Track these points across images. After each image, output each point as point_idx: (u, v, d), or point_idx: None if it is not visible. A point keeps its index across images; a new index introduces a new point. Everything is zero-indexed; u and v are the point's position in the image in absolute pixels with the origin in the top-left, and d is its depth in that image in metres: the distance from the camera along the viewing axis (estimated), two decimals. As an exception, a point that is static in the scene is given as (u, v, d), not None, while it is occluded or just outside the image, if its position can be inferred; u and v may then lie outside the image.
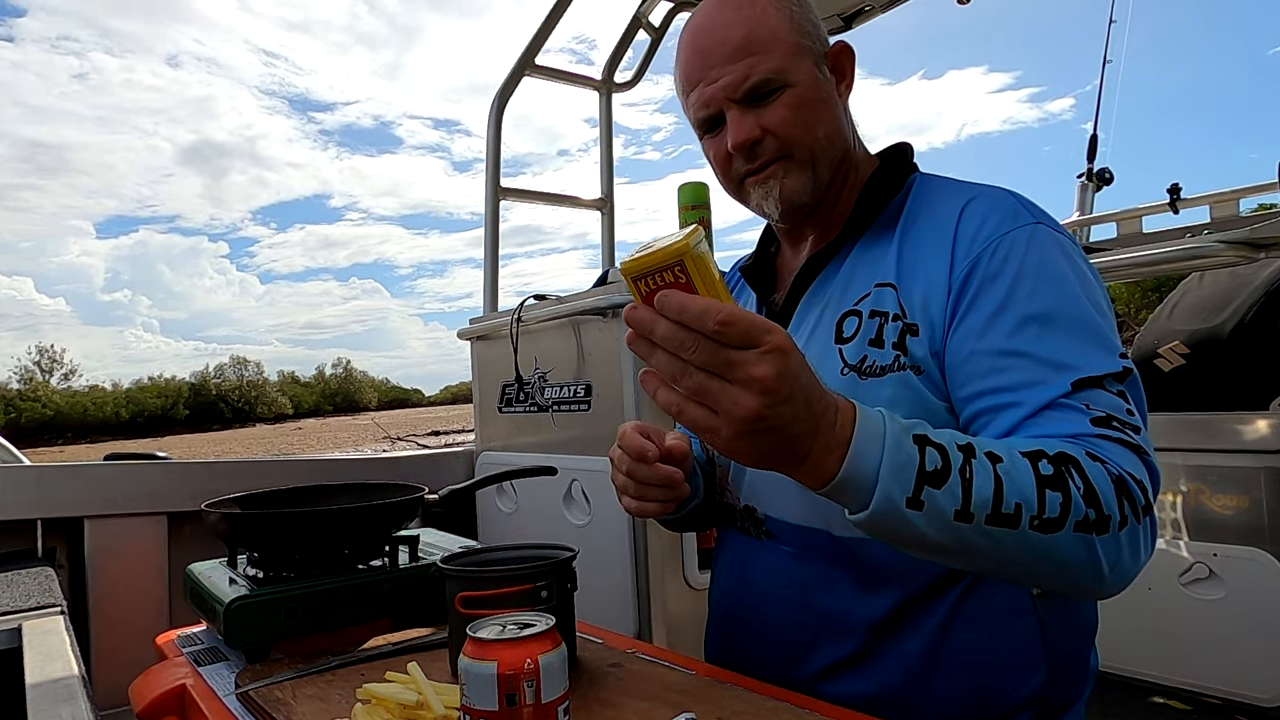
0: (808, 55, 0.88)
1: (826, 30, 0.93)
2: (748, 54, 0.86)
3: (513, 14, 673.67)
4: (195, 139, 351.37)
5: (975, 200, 0.84)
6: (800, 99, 0.87)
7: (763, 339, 0.59)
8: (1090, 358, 0.73)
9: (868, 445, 0.64)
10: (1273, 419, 1.97)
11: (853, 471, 0.64)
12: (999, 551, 0.67)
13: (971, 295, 0.79)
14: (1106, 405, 0.72)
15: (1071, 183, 3.49)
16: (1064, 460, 0.67)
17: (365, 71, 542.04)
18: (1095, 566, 0.67)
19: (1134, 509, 0.67)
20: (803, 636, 0.89)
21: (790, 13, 0.88)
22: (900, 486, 0.64)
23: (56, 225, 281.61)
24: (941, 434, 0.68)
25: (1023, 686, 0.82)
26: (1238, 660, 1.94)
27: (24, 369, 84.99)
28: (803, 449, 0.63)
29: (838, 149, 0.91)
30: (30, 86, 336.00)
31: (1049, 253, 0.79)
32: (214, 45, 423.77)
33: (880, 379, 0.82)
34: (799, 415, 0.61)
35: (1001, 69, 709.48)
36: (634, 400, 1.83)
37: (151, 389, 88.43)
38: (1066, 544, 0.66)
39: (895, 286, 0.84)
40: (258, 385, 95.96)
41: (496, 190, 2.57)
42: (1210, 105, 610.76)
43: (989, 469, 0.65)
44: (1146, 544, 0.69)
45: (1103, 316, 0.77)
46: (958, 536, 0.65)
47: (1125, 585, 0.69)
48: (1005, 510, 0.65)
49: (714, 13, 0.89)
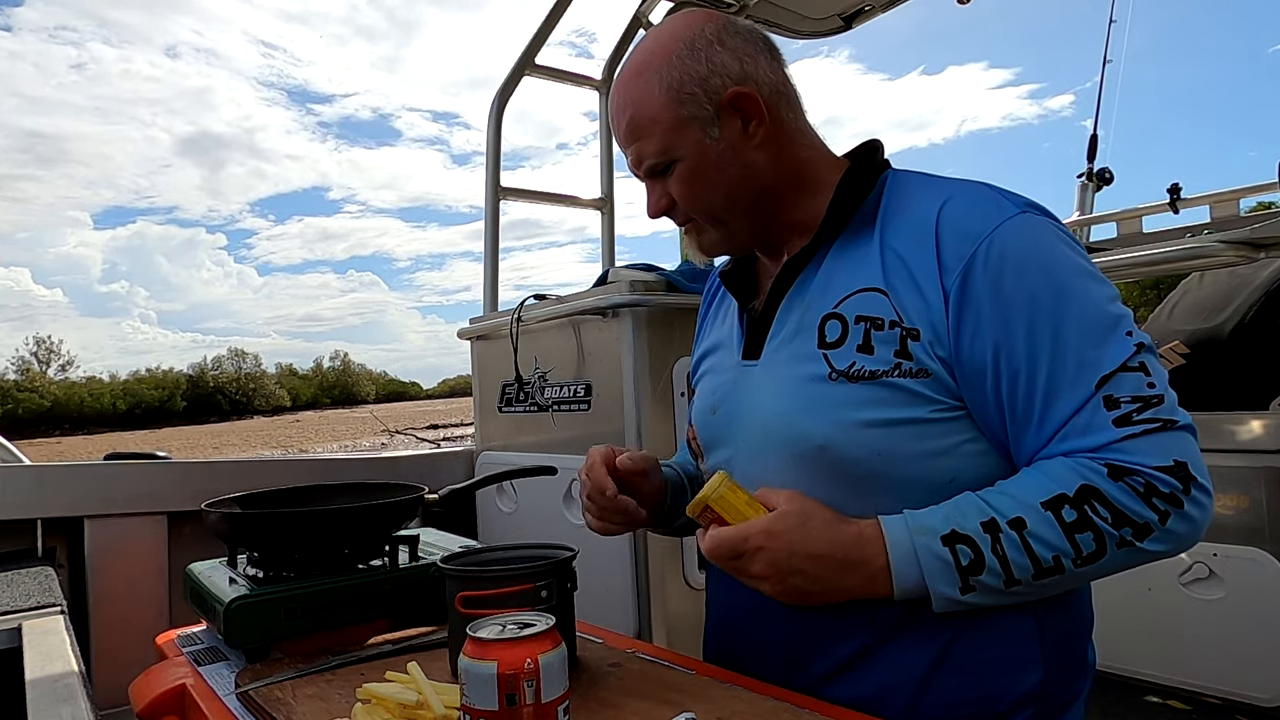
0: (691, 125, 0.88)
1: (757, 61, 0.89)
2: (635, 138, 0.91)
3: (512, 7, 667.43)
4: (193, 130, 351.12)
5: (953, 199, 0.83)
6: (690, 171, 0.89)
7: (743, 546, 0.79)
8: (1107, 350, 0.76)
9: (905, 570, 0.76)
10: (1273, 419, 1.97)
11: (905, 591, 0.77)
12: (1064, 585, 0.77)
13: (975, 304, 0.78)
14: (1130, 389, 0.75)
15: (1071, 179, 3.49)
16: (1086, 497, 0.73)
17: (364, 64, 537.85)
18: (1155, 555, 0.75)
19: (1171, 500, 0.73)
20: (801, 642, 0.89)
21: (669, 81, 0.87)
22: (949, 585, 0.76)
23: (53, 216, 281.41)
24: (967, 517, 0.76)
25: (1020, 685, 0.82)
26: (1238, 660, 1.94)
27: (21, 360, 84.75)
28: (846, 588, 0.78)
29: (743, 202, 0.91)
30: (28, 76, 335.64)
31: (1044, 242, 0.79)
32: (212, 36, 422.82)
33: (870, 383, 0.81)
34: (817, 574, 0.78)
35: (1001, 65, 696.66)
36: (634, 400, 1.83)
37: (149, 380, 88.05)
38: (1117, 560, 0.75)
39: (885, 291, 0.83)
40: (255, 377, 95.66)
41: (497, 190, 2.57)
42: (1210, 104, 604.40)
43: (1016, 540, 0.74)
44: (1199, 508, 0.75)
45: (1104, 289, 0.79)
46: (1019, 595, 0.77)
47: (1200, 537, 0.76)
48: (1046, 565, 0.74)
49: (616, 88, 0.94)
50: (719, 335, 1.03)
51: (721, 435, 0.96)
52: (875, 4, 2.56)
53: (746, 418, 0.92)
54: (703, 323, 1.12)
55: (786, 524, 0.78)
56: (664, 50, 0.89)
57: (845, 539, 0.78)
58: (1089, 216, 3.24)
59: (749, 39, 0.90)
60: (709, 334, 1.07)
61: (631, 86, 0.90)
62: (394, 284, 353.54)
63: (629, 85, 0.91)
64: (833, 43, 2.76)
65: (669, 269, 1.98)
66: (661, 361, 1.85)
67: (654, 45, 0.90)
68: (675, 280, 1.90)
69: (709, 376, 1.02)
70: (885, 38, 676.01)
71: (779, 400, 0.88)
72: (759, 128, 0.88)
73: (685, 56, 0.88)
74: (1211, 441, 2.05)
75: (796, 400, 0.86)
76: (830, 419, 0.83)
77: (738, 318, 0.99)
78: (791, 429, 0.86)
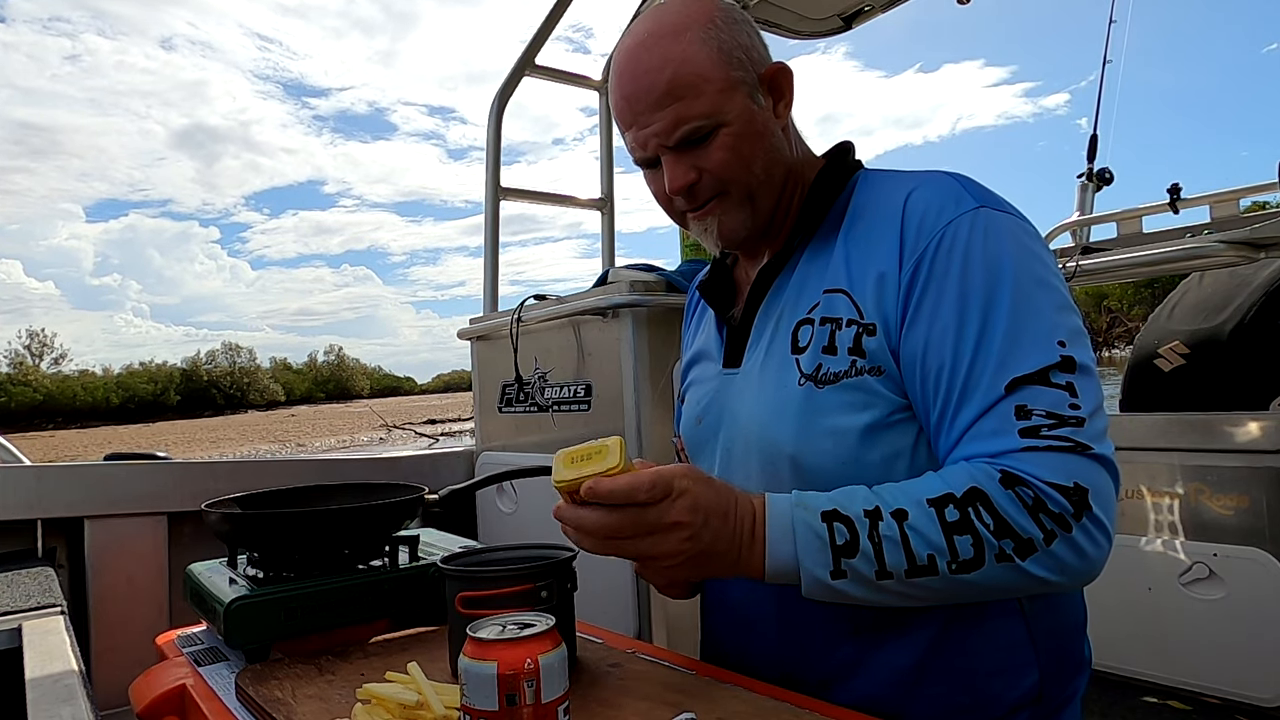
0: (740, 88, 0.84)
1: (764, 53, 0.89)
2: (675, 99, 0.83)
3: (509, 1, 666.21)
4: (188, 123, 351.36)
5: (918, 189, 0.83)
6: (736, 137, 0.84)
7: (671, 485, 0.72)
8: (1028, 354, 0.73)
9: (780, 539, 0.74)
10: (1272, 419, 1.97)
11: (776, 565, 0.75)
12: (938, 593, 0.74)
13: (919, 293, 0.78)
14: (1047, 404, 0.72)
15: (1065, 177, 3.48)
16: (972, 499, 0.71)
17: (360, 57, 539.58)
18: (1037, 580, 0.71)
19: (1059, 521, 0.70)
20: (789, 656, 0.89)
21: (719, 43, 0.84)
22: (820, 564, 0.73)
23: (46, 208, 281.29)
24: (853, 501, 0.74)
25: (1015, 689, 0.82)
26: (1238, 660, 1.94)
27: (14, 353, 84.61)
28: (731, 557, 0.75)
29: (777, 178, 0.89)
30: (21, 68, 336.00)
31: (993, 238, 0.78)
32: (208, 29, 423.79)
33: (835, 385, 0.81)
34: (719, 533, 0.74)
35: (997, 63, 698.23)
36: (634, 400, 1.83)
37: (142, 374, 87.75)
38: (994, 575, 0.71)
39: (847, 291, 0.83)
40: (250, 372, 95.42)
41: (497, 190, 2.57)
42: (1203, 104, 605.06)
43: (895, 530, 0.72)
44: (1092, 541, 0.71)
45: (1048, 295, 0.76)
46: (890, 591, 0.73)
47: (1092, 575, 0.73)
48: (920, 563, 0.72)
49: (640, 52, 0.85)
50: (701, 345, 1.03)
51: (706, 444, 0.96)
52: (875, 4, 2.56)
53: (728, 426, 0.92)
54: (685, 333, 1.13)
55: (700, 478, 0.75)
56: (703, 12, 0.85)
57: (736, 501, 0.76)
58: (1089, 216, 3.24)
59: (757, 33, 0.90)
60: (692, 344, 1.07)
61: (670, 44, 0.83)
62: (388, 279, 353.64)
63: (665, 43, 0.83)
64: (830, 40, 2.75)
65: (668, 269, 1.98)
66: (661, 361, 1.85)
67: (687, 8, 0.85)
68: (675, 280, 1.90)
69: (694, 387, 1.02)
70: (882, 35, 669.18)
71: (757, 408, 0.88)
72: (785, 110, 0.89)
73: (729, 23, 0.85)
74: (1211, 441, 2.05)
75: (771, 408, 0.86)
76: (798, 426, 0.83)
77: (716, 327, 0.99)
78: (764, 438, 0.86)
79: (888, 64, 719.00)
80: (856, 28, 2.70)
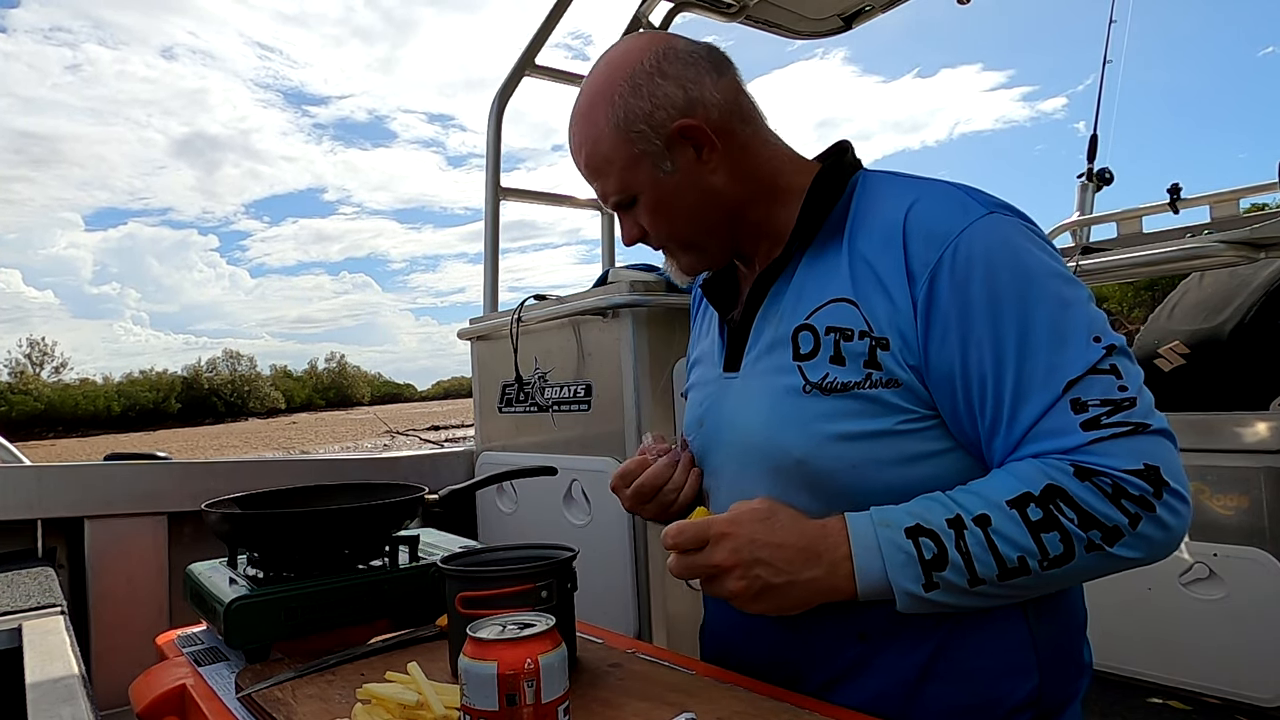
0: (643, 161, 0.88)
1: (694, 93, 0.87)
2: (596, 176, 0.92)
3: (509, 9, 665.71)
4: (188, 131, 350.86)
5: (920, 200, 0.82)
6: (652, 204, 0.90)
7: (706, 533, 0.78)
8: (1074, 353, 0.74)
9: (867, 559, 0.75)
10: (1273, 419, 1.97)
11: (867, 586, 0.75)
12: (1030, 590, 0.76)
13: (944, 307, 0.77)
14: (1099, 392, 0.73)
15: (1063, 181, 3.50)
16: (1052, 496, 0.72)
17: (360, 65, 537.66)
18: (1128, 562, 0.73)
19: (1142, 504, 0.71)
20: (793, 658, 0.89)
21: (619, 120, 0.87)
22: (912, 580, 0.74)
23: (45, 217, 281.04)
24: (932, 512, 0.75)
25: (1017, 692, 0.82)
26: (1238, 660, 1.94)
27: (14, 362, 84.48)
28: (817, 584, 0.76)
29: (714, 222, 0.91)
30: (22, 77, 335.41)
31: (1011, 244, 0.78)
32: (208, 38, 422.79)
33: (843, 395, 0.81)
34: (781, 565, 0.76)
35: (995, 68, 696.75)
36: (634, 400, 1.83)
37: (143, 382, 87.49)
38: (1086, 564, 0.73)
39: (854, 301, 0.82)
40: (250, 379, 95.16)
41: (497, 190, 2.57)
42: (1201, 106, 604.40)
43: (980, 537, 0.73)
44: (1174, 513, 0.72)
45: (1073, 291, 0.77)
46: (985, 596, 0.75)
47: (1177, 544, 0.74)
48: (1011, 566, 0.73)
49: (570, 128, 0.94)
50: (703, 347, 1.04)
51: (708, 448, 0.97)
52: (875, 4, 2.56)
53: (728, 431, 0.93)
54: (692, 326, 1.14)
55: (751, 516, 0.79)
56: (608, 86, 0.88)
57: (809, 530, 0.78)
58: (1089, 216, 3.24)
59: (690, 61, 0.88)
60: (696, 345, 1.08)
61: (584, 125, 0.91)
62: (388, 286, 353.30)
63: (582, 124, 0.91)
64: (829, 44, 2.76)
65: (669, 269, 1.98)
66: (661, 361, 1.85)
67: (599, 81, 0.90)
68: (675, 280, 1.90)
69: (696, 389, 1.03)
70: (881, 40, 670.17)
71: (758, 414, 0.88)
72: (712, 154, 0.88)
73: (628, 94, 0.87)
74: (1211, 441, 2.06)
75: (774, 414, 0.86)
76: (806, 432, 0.83)
77: (719, 329, 1.00)
78: (770, 443, 0.86)
79: (886, 68, 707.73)
80: (857, 27, 2.70)
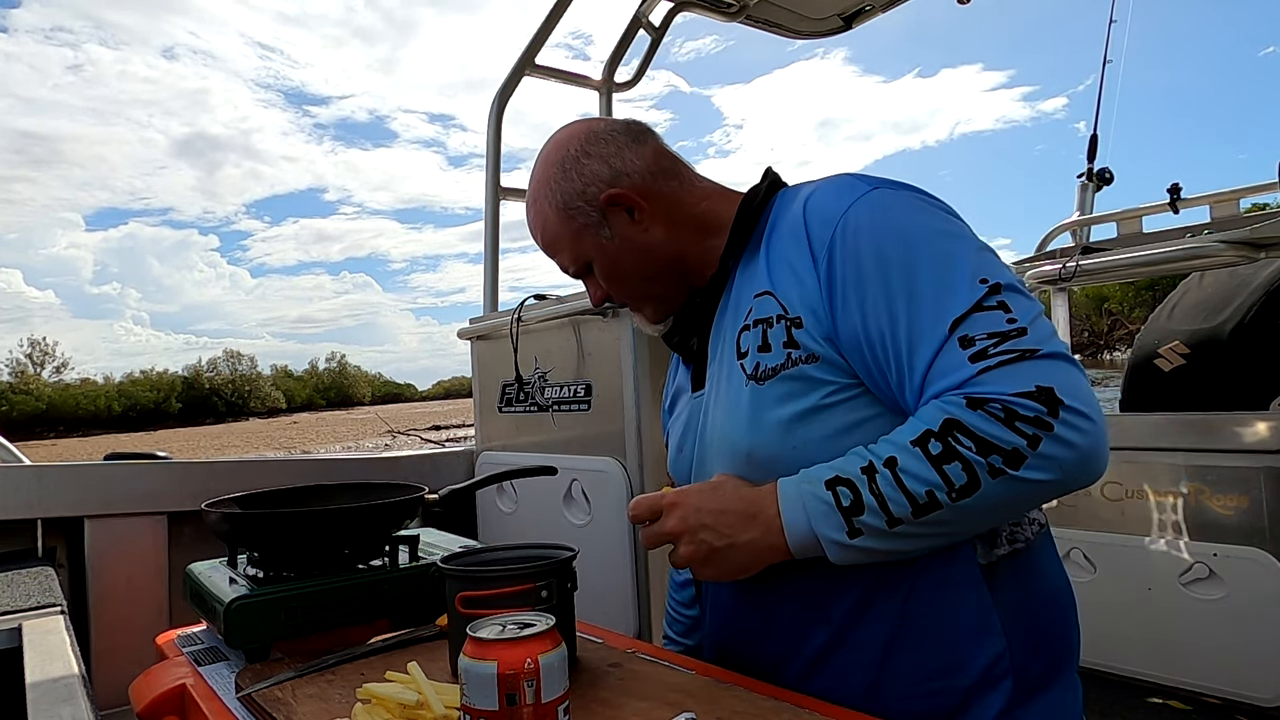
0: (585, 233, 0.98)
1: None
2: (552, 254, 1.03)
3: (510, 9, 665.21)
4: (189, 132, 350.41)
5: (815, 192, 0.90)
6: (604, 269, 1.00)
7: (659, 504, 0.87)
8: (958, 296, 0.78)
9: (794, 514, 0.80)
10: (1273, 419, 1.97)
11: (796, 540, 0.81)
12: (952, 526, 0.77)
13: (840, 278, 0.83)
14: (984, 326, 0.76)
15: (1063, 181, 3.49)
16: (950, 429, 0.74)
17: (360, 65, 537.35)
18: (1043, 485, 0.73)
19: (1037, 424, 0.72)
20: (774, 648, 0.92)
21: (558, 202, 0.98)
22: (835, 529, 0.78)
23: (45, 217, 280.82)
24: (850, 463, 0.79)
25: (981, 655, 0.83)
26: (1238, 660, 1.94)
27: (15, 361, 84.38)
28: (755, 545, 0.82)
29: (659, 272, 1.00)
30: (23, 78, 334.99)
31: (892, 211, 0.84)
32: (209, 38, 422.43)
33: (774, 379, 0.86)
34: (722, 529, 0.83)
35: (995, 68, 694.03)
36: (634, 400, 1.83)
37: (144, 382, 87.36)
38: (998, 491, 0.73)
39: (771, 292, 0.89)
40: (251, 379, 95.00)
41: (497, 190, 2.57)
42: (1201, 106, 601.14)
43: (890, 478, 0.76)
44: (1076, 431, 0.72)
45: (958, 244, 0.82)
46: (909, 535, 0.77)
47: (1093, 463, 0.73)
48: (922, 501, 0.75)
49: (526, 212, 1.05)
50: (677, 381, 1.11)
51: (688, 469, 1.01)
52: (875, 4, 2.56)
53: (700, 442, 0.98)
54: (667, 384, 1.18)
55: (699, 487, 0.88)
56: (546, 176, 1.00)
57: (748, 495, 0.85)
58: (1089, 216, 3.24)
59: (610, 139, 0.99)
60: (669, 388, 1.14)
61: (534, 212, 1.02)
62: (388, 285, 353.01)
63: (532, 211, 1.02)
64: (829, 45, 2.76)
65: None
66: (661, 361, 1.85)
67: (539, 173, 1.01)
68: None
69: (675, 423, 1.08)
70: (881, 40, 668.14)
71: (715, 419, 0.94)
72: (642, 214, 0.98)
73: (560, 179, 0.98)
74: (1211, 441, 2.06)
75: (727, 414, 0.92)
76: (750, 423, 0.88)
77: (685, 364, 1.07)
78: (725, 441, 0.92)
79: (886, 69, 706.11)
80: (857, 27, 2.70)
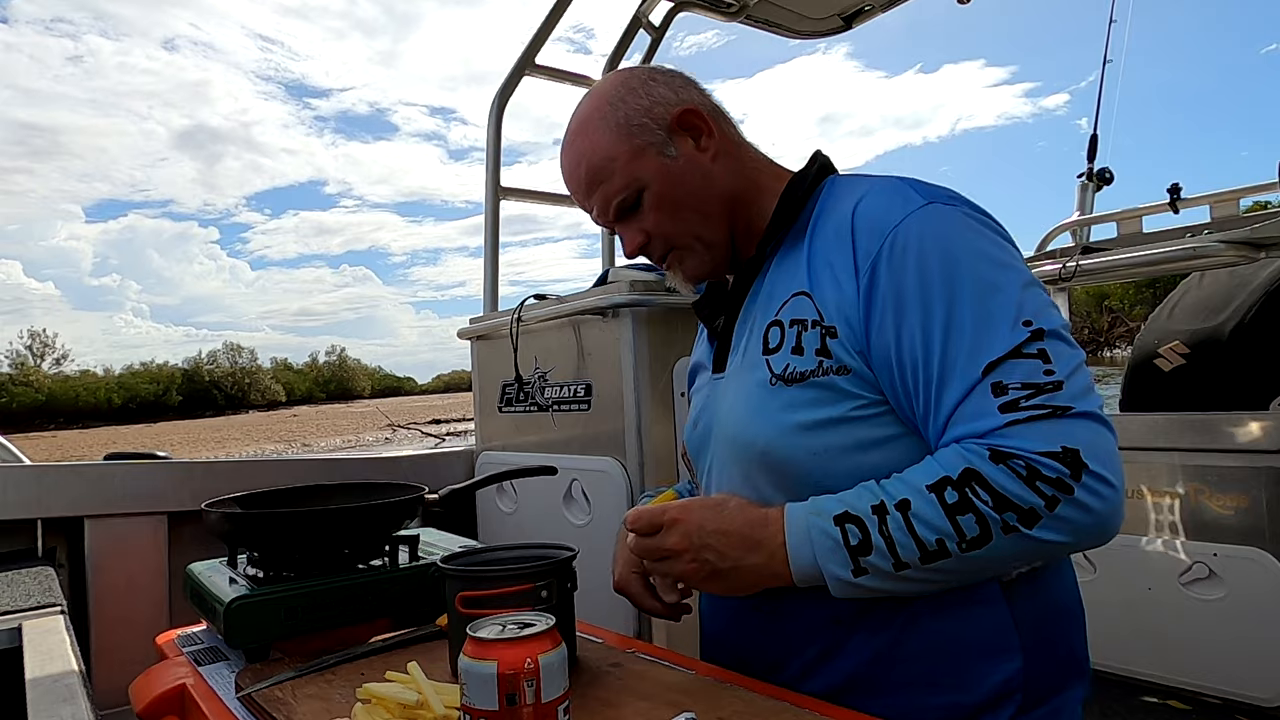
0: (647, 150, 0.93)
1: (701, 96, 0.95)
2: (598, 183, 0.95)
3: (511, 2, 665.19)
4: (190, 124, 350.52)
5: (867, 196, 0.86)
6: (658, 196, 0.93)
7: (660, 519, 0.85)
8: (997, 335, 0.75)
9: (799, 547, 0.79)
10: (1272, 419, 1.97)
11: (800, 572, 0.79)
12: (955, 574, 0.76)
13: (881, 295, 0.80)
14: (1021, 376, 0.74)
15: (1064, 177, 3.49)
16: (968, 479, 0.73)
17: (361, 58, 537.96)
18: (1054, 545, 0.73)
19: (1059, 486, 0.71)
20: (775, 646, 0.91)
21: (617, 121, 0.93)
22: (840, 565, 0.77)
23: (45, 208, 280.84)
24: (861, 499, 0.78)
25: (997, 672, 0.82)
26: (1238, 660, 1.94)
27: (15, 353, 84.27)
28: (758, 570, 0.81)
29: (715, 209, 0.95)
30: (23, 69, 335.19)
31: (944, 231, 0.80)
32: (210, 30, 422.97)
33: (803, 384, 0.84)
34: (726, 550, 0.82)
35: (997, 64, 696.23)
36: (634, 400, 1.83)
37: (144, 375, 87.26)
38: (1005, 546, 0.73)
39: (809, 294, 0.86)
40: (251, 372, 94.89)
41: (497, 189, 2.57)
42: (1203, 104, 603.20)
43: (901, 521, 0.75)
44: (1096, 496, 0.71)
45: (1006, 275, 0.78)
46: (913, 580, 0.76)
47: (1106, 528, 0.73)
48: (930, 549, 0.74)
49: (564, 156, 0.98)
50: (700, 353, 1.09)
51: (701, 447, 1.00)
52: (875, 4, 2.56)
53: (717, 427, 0.96)
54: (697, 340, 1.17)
55: (703, 504, 0.86)
56: (601, 101, 0.95)
57: (753, 518, 0.83)
58: (1089, 216, 3.24)
59: (674, 75, 0.97)
60: (695, 352, 1.13)
61: (579, 141, 0.95)
62: (388, 279, 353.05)
63: (576, 142, 0.96)
64: (831, 40, 2.75)
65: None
66: (661, 361, 1.85)
67: (590, 103, 0.96)
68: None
69: (695, 395, 1.07)
70: (883, 36, 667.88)
71: (733, 409, 0.92)
72: (710, 140, 0.94)
73: (625, 96, 0.94)
74: (1211, 441, 2.06)
75: (746, 407, 0.90)
76: (770, 423, 0.86)
77: (709, 339, 1.05)
78: (742, 435, 0.90)
79: (888, 64, 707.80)
80: (857, 27, 2.70)
